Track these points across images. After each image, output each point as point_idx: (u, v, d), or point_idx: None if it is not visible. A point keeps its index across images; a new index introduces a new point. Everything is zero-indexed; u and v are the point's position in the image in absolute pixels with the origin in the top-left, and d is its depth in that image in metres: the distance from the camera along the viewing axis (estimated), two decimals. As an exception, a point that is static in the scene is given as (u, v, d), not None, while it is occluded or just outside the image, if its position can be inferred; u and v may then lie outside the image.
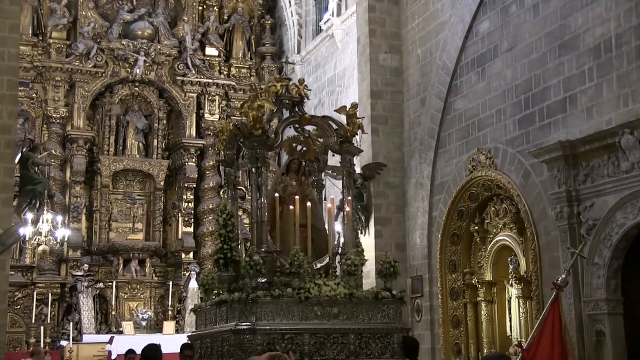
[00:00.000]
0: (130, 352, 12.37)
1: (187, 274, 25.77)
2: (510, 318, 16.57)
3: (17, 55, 17.13)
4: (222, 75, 27.75)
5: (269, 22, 28.82)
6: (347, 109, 13.78)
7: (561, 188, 14.17)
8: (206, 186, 26.97)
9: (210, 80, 27.29)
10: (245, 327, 11.33)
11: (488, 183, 16.67)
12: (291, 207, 13.06)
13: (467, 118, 17.52)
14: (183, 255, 26.31)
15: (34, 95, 25.29)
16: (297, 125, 13.38)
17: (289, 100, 13.16)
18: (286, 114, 13.60)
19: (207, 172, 27.09)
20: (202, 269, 25.33)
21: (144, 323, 24.87)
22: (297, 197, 13.14)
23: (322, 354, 11.33)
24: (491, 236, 17.05)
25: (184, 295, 25.65)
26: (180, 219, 26.68)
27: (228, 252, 12.90)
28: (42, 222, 23.65)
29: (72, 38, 26.17)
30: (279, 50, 28.65)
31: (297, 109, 13.23)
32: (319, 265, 12.60)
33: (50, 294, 24.47)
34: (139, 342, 21.05)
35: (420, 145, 19.09)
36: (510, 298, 16.53)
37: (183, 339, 21.48)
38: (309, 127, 13.56)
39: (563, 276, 9.58)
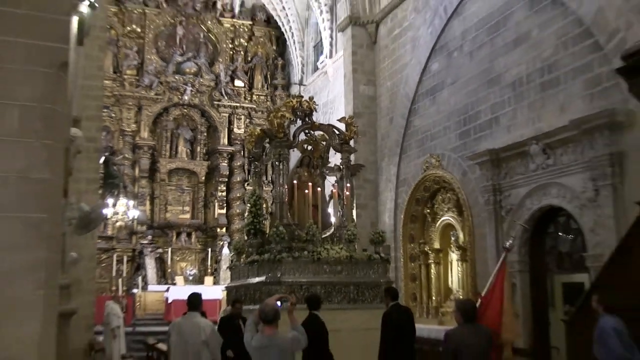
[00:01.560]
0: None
1: (221, 243, 26.00)
2: (451, 275, 16.68)
3: (102, 87, 17.30)
4: (246, 101, 27.74)
5: (280, 62, 28.85)
6: (346, 119, 13.79)
7: (488, 182, 14.30)
8: (234, 180, 27.05)
9: (238, 104, 27.41)
10: (273, 279, 11.37)
11: (437, 179, 16.75)
12: (306, 191, 12.94)
13: (422, 132, 17.54)
14: (218, 230, 26.43)
15: (113, 115, 25.37)
16: (307, 131, 13.29)
17: (301, 112, 13.08)
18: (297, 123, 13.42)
19: (235, 170, 27.12)
20: (231, 240, 25.61)
21: (190, 277, 25.21)
22: (310, 184, 13.02)
23: (330, 300, 11.24)
24: (439, 217, 17.11)
25: (218, 258, 25.82)
26: (216, 203, 26.75)
27: (257, 224, 13.02)
28: (119, 206, 24.11)
29: (140, 74, 26.27)
30: (288, 83, 28.61)
31: (307, 119, 13.17)
32: (324, 235, 12.50)
33: (125, 257, 24.89)
34: (187, 291, 21.50)
35: (389, 151, 19.14)
36: (452, 261, 16.62)
37: (218, 289, 21.89)
38: (316, 133, 13.48)
39: (510, 241, 9.67)
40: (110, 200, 23.39)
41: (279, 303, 6.82)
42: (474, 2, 15.66)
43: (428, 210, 17.50)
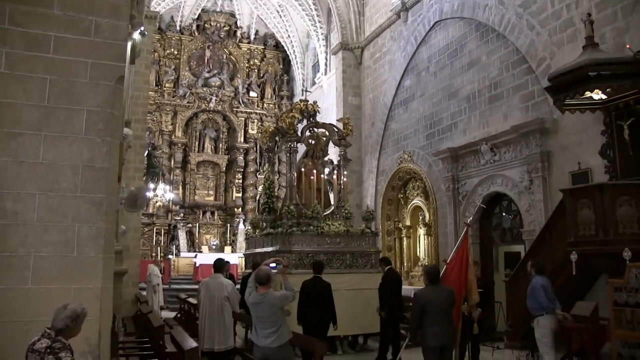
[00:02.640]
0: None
1: (238, 220, 25.97)
2: (419, 246, 16.66)
3: (147, 97, 17.34)
4: (258, 108, 27.52)
5: (286, 78, 28.60)
6: (344, 119, 13.66)
7: (449, 174, 14.38)
8: (248, 170, 26.86)
9: (252, 111, 27.22)
10: (285, 248, 11.25)
11: (409, 170, 16.74)
12: (311, 177, 12.78)
13: (397, 134, 17.54)
14: (235, 209, 26.31)
15: (155, 118, 25.23)
16: (311, 128, 13.06)
17: (307, 113, 12.89)
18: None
19: (249, 162, 26.92)
20: (246, 217, 25.66)
21: (213, 247, 25.22)
22: (314, 171, 12.91)
23: (330, 266, 11.13)
24: (410, 200, 17.09)
25: (235, 232, 25.79)
26: (234, 188, 26.55)
27: (270, 203, 12.86)
28: (158, 190, 24.08)
29: (176, 86, 26.14)
30: (291, 95, 28.44)
31: (311, 119, 12.95)
32: (325, 213, 12.36)
33: (162, 230, 24.93)
34: (211, 257, 21.46)
35: (371, 148, 19.11)
36: (419, 235, 16.58)
37: (235, 255, 21.88)
38: (319, 131, 13.29)
39: (471, 218, 9.64)
40: (151, 185, 23.34)
41: (273, 264, 6.85)
42: (437, 33, 15.68)
43: (401, 195, 17.48)
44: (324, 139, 13.31)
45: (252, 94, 27.72)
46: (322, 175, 13.16)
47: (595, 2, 10.34)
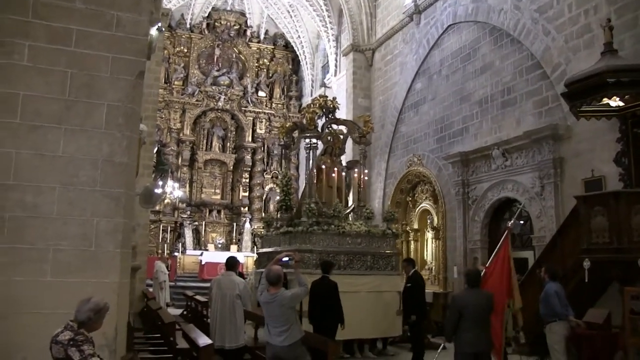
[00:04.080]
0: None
1: (244, 219, 25.97)
2: (426, 250, 16.63)
3: (157, 94, 17.33)
4: (267, 108, 27.47)
5: (295, 78, 28.55)
6: (365, 116, 13.34)
7: (459, 178, 14.34)
8: (256, 170, 26.84)
9: (260, 110, 27.19)
10: (306, 247, 10.84)
11: (418, 174, 16.70)
12: (333, 175, 12.43)
13: (407, 137, 17.51)
14: (242, 209, 26.27)
15: (163, 116, 25.19)
16: (329, 125, 12.71)
17: (326, 109, 12.54)
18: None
19: (257, 162, 26.88)
20: (252, 217, 25.77)
21: (219, 245, 25.20)
22: (336, 168, 12.59)
23: (351, 267, 11.02)
24: (418, 204, 17.03)
25: (241, 230, 25.77)
26: (241, 188, 26.51)
27: (288, 201, 12.59)
28: (167, 187, 24.04)
29: (185, 84, 26.12)
30: (300, 95, 28.38)
31: (331, 115, 12.58)
32: (345, 212, 12.04)
33: (169, 227, 24.86)
34: (217, 255, 21.46)
35: (380, 151, 19.05)
36: (427, 239, 16.56)
37: (241, 255, 21.84)
38: (337, 128, 13.03)
39: (512, 221, 9.57)
40: (160, 183, 23.28)
41: (286, 259, 6.94)
42: (450, 37, 15.66)
43: (410, 199, 17.41)
44: (341, 136, 13.07)
45: (261, 93, 27.68)
46: (342, 174, 12.92)
47: (615, 7, 10.31)
